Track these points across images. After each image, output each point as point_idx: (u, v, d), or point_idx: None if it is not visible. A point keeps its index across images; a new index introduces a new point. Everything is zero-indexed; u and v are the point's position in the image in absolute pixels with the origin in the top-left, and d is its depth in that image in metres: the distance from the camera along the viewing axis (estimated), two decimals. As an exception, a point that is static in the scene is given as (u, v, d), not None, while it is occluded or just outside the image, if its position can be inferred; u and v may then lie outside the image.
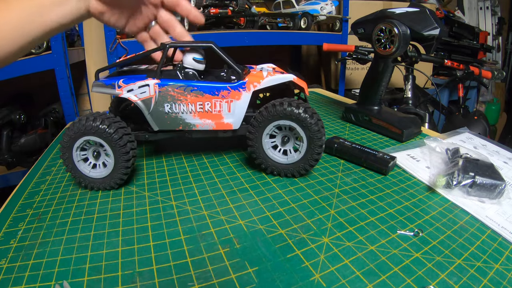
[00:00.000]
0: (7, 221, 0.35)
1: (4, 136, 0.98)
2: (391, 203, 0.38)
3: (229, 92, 0.40)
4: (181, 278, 0.27)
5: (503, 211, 0.36)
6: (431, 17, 0.50)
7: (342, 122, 0.65)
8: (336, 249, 0.30)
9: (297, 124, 0.39)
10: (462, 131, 0.59)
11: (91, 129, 0.37)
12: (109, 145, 0.37)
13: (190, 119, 0.41)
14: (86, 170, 0.39)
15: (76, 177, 0.39)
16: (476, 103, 1.72)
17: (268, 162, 0.42)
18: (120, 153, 0.38)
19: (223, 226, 0.34)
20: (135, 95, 0.40)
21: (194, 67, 0.40)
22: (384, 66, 0.56)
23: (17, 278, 0.27)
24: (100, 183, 0.39)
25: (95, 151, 0.39)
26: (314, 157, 0.40)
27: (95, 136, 0.37)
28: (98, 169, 0.40)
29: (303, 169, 0.41)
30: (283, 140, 0.42)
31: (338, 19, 1.46)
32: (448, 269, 0.28)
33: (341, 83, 1.55)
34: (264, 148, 0.42)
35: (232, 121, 0.42)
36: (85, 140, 0.38)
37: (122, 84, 0.40)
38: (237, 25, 1.28)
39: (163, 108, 0.41)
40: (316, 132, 0.39)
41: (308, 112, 0.39)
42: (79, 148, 0.39)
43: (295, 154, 0.42)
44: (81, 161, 0.39)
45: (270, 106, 0.40)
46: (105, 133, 0.37)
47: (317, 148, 0.40)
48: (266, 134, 0.41)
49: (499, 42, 2.38)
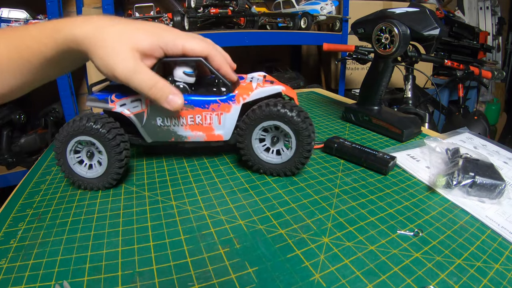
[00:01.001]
0: (7, 221, 0.35)
1: (4, 136, 0.98)
2: (391, 203, 0.38)
3: (218, 105, 0.41)
4: (181, 278, 0.27)
5: (503, 211, 0.36)
6: (431, 17, 0.50)
7: (342, 122, 0.65)
8: (336, 249, 0.30)
9: (280, 121, 0.40)
10: (462, 131, 0.59)
11: (78, 129, 0.37)
12: (99, 141, 0.38)
13: (181, 132, 0.42)
14: (83, 171, 0.40)
15: (75, 181, 0.40)
16: (476, 103, 1.72)
17: (264, 166, 0.43)
18: (112, 150, 0.38)
19: (223, 226, 0.34)
20: (127, 109, 0.41)
21: (184, 80, 0.41)
22: (384, 66, 0.56)
23: (17, 278, 0.27)
24: (98, 182, 0.39)
25: (88, 151, 0.39)
26: (306, 148, 0.41)
27: (85, 135, 0.37)
28: (94, 168, 0.40)
29: (299, 162, 0.42)
30: (273, 141, 0.43)
31: (338, 19, 1.46)
32: (448, 269, 0.28)
33: (341, 83, 1.55)
34: (256, 153, 0.42)
35: (223, 132, 0.42)
36: (76, 141, 0.38)
37: (114, 99, 0.40)
38: (237, 25, 1.28)
39: (155, 122, 0.41)
40: (300, 123, 0.39)
41: (287, 107, 0.39)
42: (72, 151, 0.39)
43: (288, 152, 0.42)
44: (76, 164, 0.40)
45: (250, 113, 0.40)
46: (93, 129, 0.37)
47: (306, 138, 0.40)
48: (255, 139, 0.42)
49: (499, 42, 2.38)
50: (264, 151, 0.43)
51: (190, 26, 1.12)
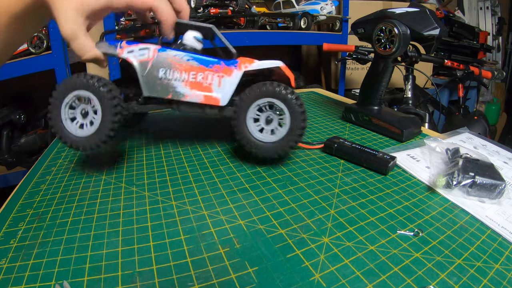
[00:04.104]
0: (7, 221, 0.35)
1: (4, 136, 0.98)
2: (391, 203, 0.38)
3: (222, 67, 0.42)
4: (181, 278, 0.27)
5: (503, 211, 0.36)
6: (431, 17, 0.50)
7: (342, 122, 0.65)
8: (336, 249, 0.30)
9: (275, 98, 0.41)
10: (462, 131, 0.59)
11: (81, 83, 0.38)
12: (97, 97, 0.38)
13: (180, 88, 0.42)
14: (73, 129, 0.40)
15: (62, 137, 0.40)
16: (476, 103, 1.72)
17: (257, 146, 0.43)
18: (108, 106, 0.38)
19: (223, 226, 0.34)
20: (134, 56, 0.42)
21: (193, 45, 0.42)
22: (384, 66, 0.56)
23: (17, 278, 0.27)
24: (86, 142, 0.39)
25: (83, 109, 0.40)
26: (300, 126, 0.41)
27: (85, 90, 0.38)
28: (85, 128, 0.40)
29: (292, 141, 0.42)
30: (267, 121, 0.43)
31: (338, 19, 1.46)
32: (448, 269, 0.28)
33: (341, 83, 1.55)
34: (250, 131, 0.43)
35: (221, 96, 0.43)
36: (75, 95, 0.39)
37: (124, 45, 0.42)
38: (237, 25, 1.28)
39: (157, 73, 0.42)
40: (294, 99, 0.41)
41: (281, 86, 0.41)
42: (68, 104, 0.39)
43: (282, 129, 0.42)
44: (68, 120, 0.40)
45: (247, 90, 0.42)
46: (94, 86, 0.38)
47: (300, 115, 0.41)
48: (250, 117, 0.43)
49: (499, 42, 2.38)
50: (258, 131, 0.43)
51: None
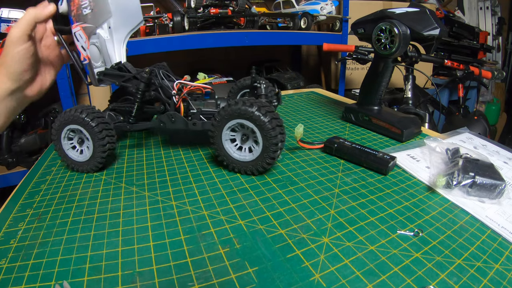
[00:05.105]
0: (7, 221, 0.35)
1: (4, 136, 0.98)
2: (391, 203, 0.38)
3: None
4: (181, 278, 0.27)
5: (503, 211, 0.36)
6: (431, 17, 0.50)
7: (342, 122, 0.65)
8: (336, 249, 0.30)
9: (242, 119, 0.40)
10: (462, 131, 0.59)
11: (68, 118, 0.42)
12: (86, 130, 0.42)
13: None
14: (75, 156, 0.45)
15: (68, 163, 0.45)
16: (476, 103, 1.72)
17: (238, 165, 0.43)
18: (96, 138, 0.42)
19: (223, 226, 0.34)
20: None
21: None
22: (384, 66, 0.56)
23: (17, 278, 0.27)
24: (86, 165, 0.45)
25: (79, 138, 0.45)
26: (272, 142, 0.40)
27: (74, 124, 0.42)
28: (84, 153, 0.45)
29: (268, 157, 0.41)
30: (243, 140, 0.43)
31: (338, 19, 1.46)
32: (448, 269, 0.28)
33: (341, 83, 1.55)
34: (229, 153, 0.43)
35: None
36: (68, 129, 0.43)
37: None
38: (237, 25, 1.28)
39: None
40: (261, 116, 0.39)
41: (247, 104, 0.40)
42: (66, 137, 0.44)
43: (258, 147, 0.42)
44: (70, 149, 0.45)
45: (216, 114, 0.42)
46: (80, 119, 0.42)
47: (269, 132, 0.40)
48: (225, 140, 0.43)
49: (499, 42, 2.38)
50: (237, 150, 0.44)
51: (190, 26, 1.12)
